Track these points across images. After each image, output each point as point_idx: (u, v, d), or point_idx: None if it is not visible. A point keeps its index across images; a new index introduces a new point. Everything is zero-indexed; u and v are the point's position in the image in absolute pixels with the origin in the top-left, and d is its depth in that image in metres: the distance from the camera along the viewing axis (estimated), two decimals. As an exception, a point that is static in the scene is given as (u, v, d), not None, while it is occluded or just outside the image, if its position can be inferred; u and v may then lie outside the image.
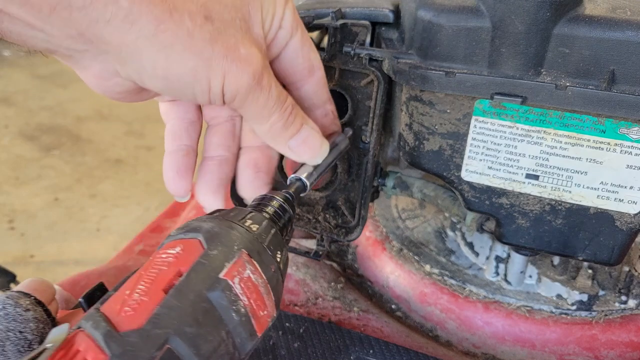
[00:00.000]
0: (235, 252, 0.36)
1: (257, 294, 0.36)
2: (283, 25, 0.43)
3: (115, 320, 0.32)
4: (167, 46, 0.36)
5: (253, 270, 0.36)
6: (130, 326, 0.31)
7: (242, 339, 0.35)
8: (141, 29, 0.35)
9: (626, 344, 0.59)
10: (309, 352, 0.54)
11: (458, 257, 0.69)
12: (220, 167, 0.47)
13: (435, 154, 0.52)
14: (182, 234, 0.37)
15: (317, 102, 0.48)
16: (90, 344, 0.31)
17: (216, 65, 0.37)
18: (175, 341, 0.31)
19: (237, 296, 0.34)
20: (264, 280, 0.36)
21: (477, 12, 0.44)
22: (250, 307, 0.35)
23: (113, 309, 0.33)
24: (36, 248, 1.96)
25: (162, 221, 0.87)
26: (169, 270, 0.34)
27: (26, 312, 0.40)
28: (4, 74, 3.04)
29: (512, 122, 0.48)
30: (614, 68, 0.42)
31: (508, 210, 0.51)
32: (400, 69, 0.48)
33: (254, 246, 0.37)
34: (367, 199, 0.55)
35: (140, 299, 0.33)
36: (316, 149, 0.45)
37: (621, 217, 0.48)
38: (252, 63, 0.39)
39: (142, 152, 2.37)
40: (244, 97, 0.40)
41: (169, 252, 0.35)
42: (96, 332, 0.31)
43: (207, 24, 0.37)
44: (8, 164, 2.39)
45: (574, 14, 0.43)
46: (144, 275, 0.34)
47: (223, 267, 0.34)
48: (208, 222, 0.37)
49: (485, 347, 0.61)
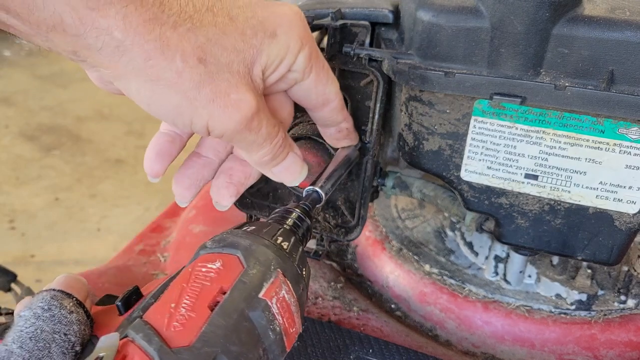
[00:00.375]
0: (272, 272, 0.38)
1: (289, 312, 0.38)
2: (294, 69, 0.42)
3: (165, 335, 0.33)
4: (154, 80, 0.36)
5: (287, 290, 0.38)
6: (181, 343, 0.33)
7: (275, 355, 0.37)
8: (130, 61, 0.35)
9: (625, 344, 0.59)
10: (309, 351, 0.54)
11: (457, 256, 0.69)
12: (203, 168, 0.48)
13: (434, 154, 0.52)
14: (220, 249, 0.39)
15: (332, 123, 0.50)
16: (144, 358, 0.32)
17: (201, 107, 0.37)
18: (221, 359, 0.33)
19: (274, 316, 0.36)
20: (295, 300, 0.39)
21: (477, 12, 0.44)
22: (284, 326, 0.37)
23: (160, 322, 0.34)
24: (36, 248, 1.96)
25: (162, 221, 0.87)
26: (212, 286, 0.36)
27: (70, 315, 0.41)
28: (4, 74, 3.05)
29: (512, 122, 0.48)
30: (613, 68, 0.42)
31: (507, 210, 0.51)
32: (399, 69, 0.48)
33: (287, 265, 0.39)
34: (367, 198, 0.55)
35: (188, 314, 0.34)
36: (296, 174, 0.47)
37: (620, 217, 0.48)
38: (241, 109, 0.39)
39: (142, 152, 2.37)
40: (231, 137, 0.40)
41: (209, 266, 0.37)
42: (150, 348, 0.32)
43: (199, 66, 0.36)
44: (8, 164, 2.39)
45: (573, 15, 0.43)
46: (187, 289, 0.36)
47: (262, 287, 0.37)
48: (245, 239, 0.39)
49: (484, 347, 0.61)
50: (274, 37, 0.40)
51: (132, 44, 0.34)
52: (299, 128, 0.54)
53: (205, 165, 0.48)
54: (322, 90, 0.45)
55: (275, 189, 0.58)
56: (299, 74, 0.43)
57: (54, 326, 0.40)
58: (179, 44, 0.36)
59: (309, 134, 0.54)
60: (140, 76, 0.36)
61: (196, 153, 0.49)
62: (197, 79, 0.36)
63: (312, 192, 0.47)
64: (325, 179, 0.48)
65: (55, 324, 0.40)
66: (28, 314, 0.40)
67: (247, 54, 0.39)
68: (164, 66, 0.35)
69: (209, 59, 0.37)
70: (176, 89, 0.36)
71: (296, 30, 0.41)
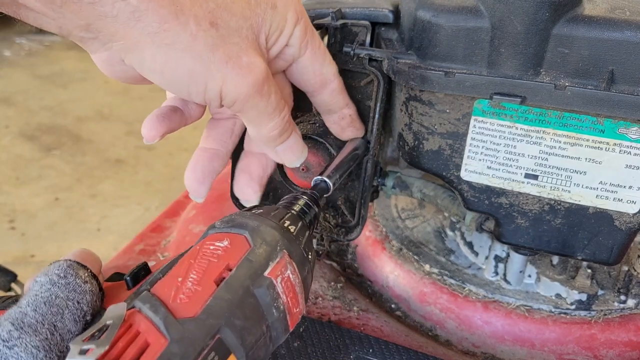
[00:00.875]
0: (278, 253, 0.39)
1: (293, 292, 0.39)
2: (291, 43, 0.43)
3: (171, 306, 0.34)
4: (169, 44, 0.37)
5: (292, 270, 0.39)
6: (186, 314, 0.34)
7: (278, 333, 0.38)
8: (145, 26, 0.36)
9: (625, 344, 0.59)
10: (309, 351, 0.54)
11: (457, 256, 0.69)
12: (211, 160, 0.49)
13: (434, 153, 0.52)
14: (228, 228, 0.40)
15: (334, 108, 0.50)
16: (150, 327, 0.33)
17: (215, 70, 0.38)
18: (225, 332, 0.34)
19: (278, 294, 0.37)
20: (299, 281, 0.40)
21: (477, 12, 0.45)
22: (287, 305, 0.38)
23: (167, 294, 0.35)
24: (36, 248, 1.96)
25: (162, 221, 0.87)
26: (219, 263, 0.37)
27: (84, 284, 0.42)
28: (5, 74, 3.05)
29: (512, 122, 0.48)
30: (613, 68, 0.42)
31: (507, 209, 0.52)
32: (399, 69, 0.48)
33: (293, 247, 0.40)
34: (367, 198, 0.55)
35: (194, 288, 0.35)
36: (298, 153, 0.48)
37: (620, 217, 0.48)
38: (253, 72, 0.40)
39: (142, 152, 2.37)
40: (243, 103, 0.41)
41: (217, 244, 0.38)
42: (155, 317, 0.33)
43: (211, 30, 0.37)
44: (8, 164, 2.39)
45: (573, 14, 0.43)
46: (195, 265, 0.37)
47: (267, 265, 0.37)
48: (253, 220, 0.40)
49: (484, 347, 0.61)
50: (275, 8, 0.41)
51: (147, 9, 0.35)
52: (299, 128, 0.55)
53: (213, 157, 0.49)
54: (319, 70, 0.46)
55: (276, 189, 0.58)
56: (296, 49, 0.44)
57: (68, 293, 0.40)
58: (191, 8, 0.36)
59: (309, 134, 0.54)
60: (154, 41, 0.36)
61: (202, 148, 0.50)
62: (211, 42, 0.37)
63: (320, 182, 0.48)
64: (333, 170, 0.49)
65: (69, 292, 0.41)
66: (44, 279, 0.41)
67: (254, 21, 0.40)
68: (179, 30, 0.36)
69: (220, 24, 0.38)
70: (191, 53, 0.37)
71: (292, 4, 0.43)
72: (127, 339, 0.33)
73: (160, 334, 0.33)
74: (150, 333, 0.33)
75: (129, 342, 0.33)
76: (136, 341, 0.33)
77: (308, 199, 0.45)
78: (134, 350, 0.32)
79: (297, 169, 0.55)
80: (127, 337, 0.33)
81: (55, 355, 0.37)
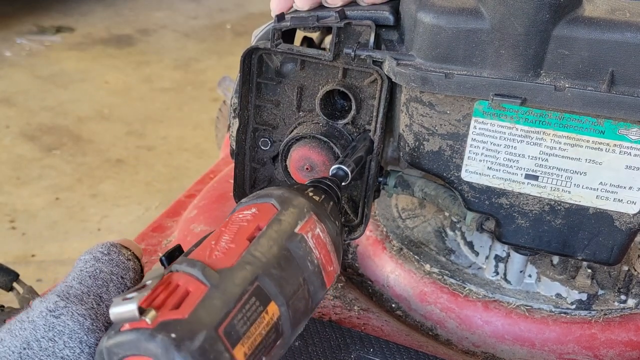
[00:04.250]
0: (306, 213, 0.40)
1: (325, 250, 0.40)
2: None
3: (208, 262, 0.35)
4: None
5: (322, 229, 0.41)
6: (223, 265, 0.35)
7: (315, 287, 0.39)
8: None
9: (625, 343, 0.59)
10: (310, 350, 0.54)
11: (458, 256, 0.69)
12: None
13: (435, 154, 0.52)
14: (254, 200, 0.41)
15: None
16: (189, 278, 0.34)
17: None
18: (263, 280, 0.35)
19: (310, 249, 0.39)
20: (330, 240, 0.41)
21: (477, 14, 0.45)
22: (321, 261, 0.39)
23: (202, 255, 0.36)
24: (37, 247, 1.96)
25: (163, 220, 0.87)
26: (249, 225, 0.38)
27: (127, 262, 0.43)
28: (5, 74, 3.04)
29: (512, 123, 0.48)
30: (613, 69, 0.43)
31: (508, 210, 0.52)
32: (400, 70, 0.48)
33: (320, 211, 0.41)
34: (371, 197, 0.56)
35: (228, 245, 0.37)
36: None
37: (620, 217, 0.49)
38: None
39: (142, 153, 2.37)
40: None
41: (245, 212, 0.40)
42: (193, 270, 0.34)
43: None
44: (9, 164, 2.39)
45: (573, 16, 0.43)
46: (226, 231, 0.38)
47: (297, 224, 0.39)
48: (278, 190, 0.42)
49: (485, 346, 0.62)
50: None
51: None
52: (303, 127, 0.55)
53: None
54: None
55: (277, 189, 0.59)
56: None
57: (112, 268, 0.41)
58: None
59: (313, 133, 0.54)
60: None
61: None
62: None
63: (338, 170, 0.49)
64: (347, 158, 0.50)
65: (113, 267, 0.42)
66: (88, 257, 0.42)
67: None
68: None
69: None
70: None
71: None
72: (168, 290, 0.34)
73: (199, 282, 0.33)
74: (190, 283, 0.34)
75: (170, 292, 0.33)
76: (177, 291, 0.34)
77: (329, 181, 0.46)
78: (176, 297, 0.33)
79: (301, 169, 0.55)
80: (168, 289, 0.34)
81: (103, 325, 0.38)
